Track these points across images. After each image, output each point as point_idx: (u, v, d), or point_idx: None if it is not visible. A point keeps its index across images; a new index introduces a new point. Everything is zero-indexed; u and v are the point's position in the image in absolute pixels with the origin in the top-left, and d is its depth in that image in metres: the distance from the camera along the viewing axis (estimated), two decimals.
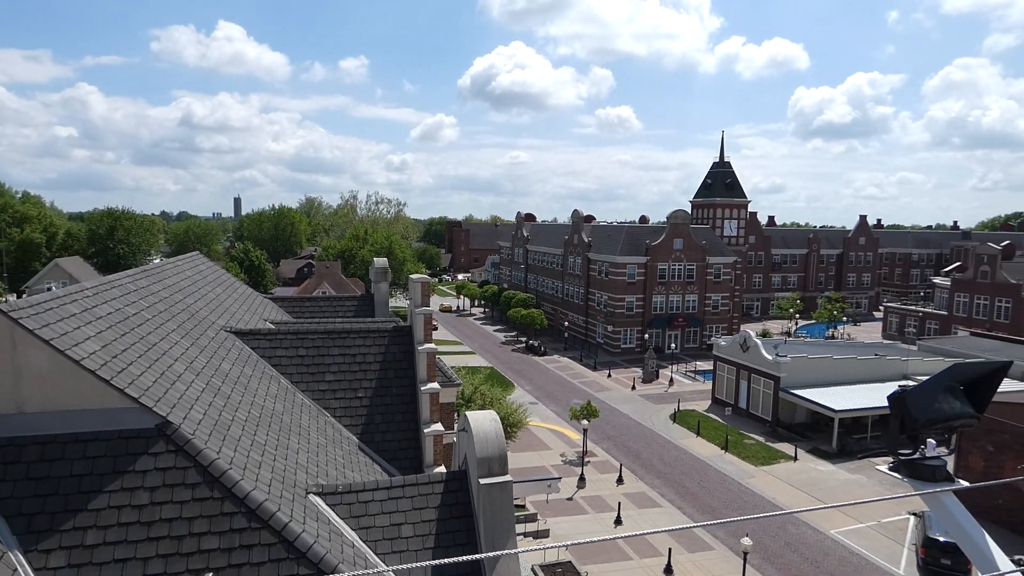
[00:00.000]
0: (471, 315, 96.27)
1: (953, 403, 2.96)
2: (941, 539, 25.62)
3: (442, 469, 12.45)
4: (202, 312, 13.21)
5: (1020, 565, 2.87)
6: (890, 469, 2.88)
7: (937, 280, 75.42)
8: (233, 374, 10.92)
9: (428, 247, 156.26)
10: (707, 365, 55.95)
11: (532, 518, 29.68)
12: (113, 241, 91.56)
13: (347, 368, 13.25)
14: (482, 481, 8.49)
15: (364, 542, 8.40)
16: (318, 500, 8.66)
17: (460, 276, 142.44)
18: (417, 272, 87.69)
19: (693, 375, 58.27)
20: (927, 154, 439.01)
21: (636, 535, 3.02)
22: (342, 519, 8.57)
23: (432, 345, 13.56)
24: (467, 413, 9.20)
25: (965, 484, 2.54)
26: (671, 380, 56.02)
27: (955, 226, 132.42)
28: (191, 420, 7.94)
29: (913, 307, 76.71)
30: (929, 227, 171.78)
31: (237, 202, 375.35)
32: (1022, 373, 43.93)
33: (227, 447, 8.04)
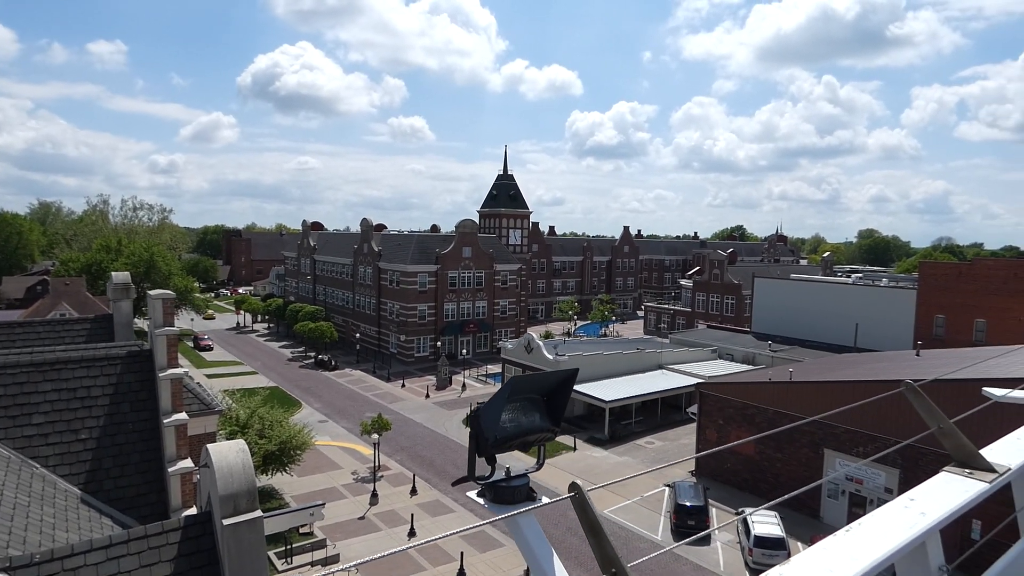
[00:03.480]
0: (254, 331, 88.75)
1: (531, 416, 2.69)
2: (688, 504, 29.65)
3: (193, 511, 10.99)
4: None
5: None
6: (477, 495, 2.50)
7: (683, 282, 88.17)
8: None
9: (202, 259, 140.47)
10: (497, 368, 58.47)
11: (321, 544, 28.04)
12: None
13: (64, 406, 11.05)
14: (226, 522, 7.55)
15: None
16: None
17: (241, 290, 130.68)
18: (188, 287, 78.33)
19: (484, 379, 60.39)
20: (675, 175, 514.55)
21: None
22: None
23: (179, 370, 11.95)
24: (208, 446, 8.15)
25: (546, 500, 2.52)
26: (464, 385, 57.39)
27: (695, 236, 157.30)
28: None
29: (666, 306, 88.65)
30: (678, 237, 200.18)
31: None
32: (743, 356, 53.10)
33: None
